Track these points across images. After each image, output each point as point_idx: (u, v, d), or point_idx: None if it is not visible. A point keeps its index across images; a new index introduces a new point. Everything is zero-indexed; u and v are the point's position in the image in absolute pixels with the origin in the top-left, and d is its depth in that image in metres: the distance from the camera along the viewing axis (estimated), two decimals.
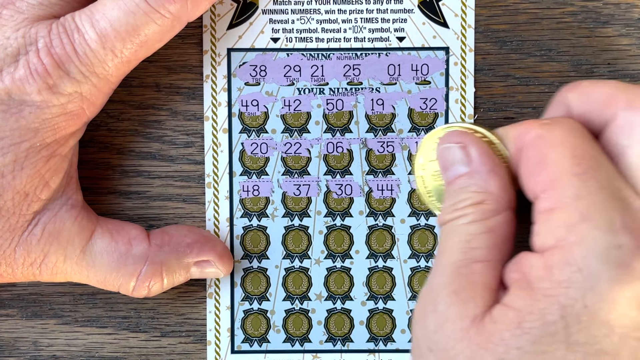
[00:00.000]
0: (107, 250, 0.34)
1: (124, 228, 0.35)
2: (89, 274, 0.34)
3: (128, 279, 0.34)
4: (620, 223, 0.27)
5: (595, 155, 0.29)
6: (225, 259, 0.36)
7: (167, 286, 0.35)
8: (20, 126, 0.32)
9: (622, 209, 0.27)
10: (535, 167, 0.29)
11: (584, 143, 0.29)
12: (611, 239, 0.27)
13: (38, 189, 0.33)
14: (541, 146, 0.29)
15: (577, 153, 0.28)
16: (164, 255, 0.35)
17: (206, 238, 0.36)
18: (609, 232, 0.27)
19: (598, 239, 0.27)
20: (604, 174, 0.28)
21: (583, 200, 0.27)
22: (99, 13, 0.32)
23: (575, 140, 0.29)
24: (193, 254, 0.36)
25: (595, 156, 0.29)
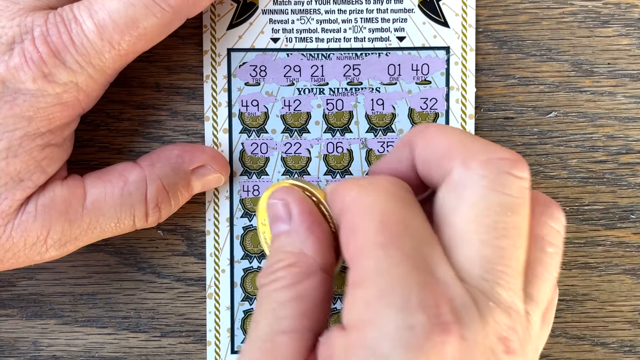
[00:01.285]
0: (107, 192, 0.34)
1: (109, 168, 0.35)
2: (100, 224, 0.34)
3: (138, 206, 0.34)
4: (417, 300, 0.25)
5: (405, 220, 0.27)
6: (219, 159, 0.36)
7: (175, 205, 0.35)
8: (14, 114, 0.31)
9: (422, 283, 0.25)
10: (346, 236, 0.27)
11: (395, 207, 0.27)
12: (403, 319, 0.25)
13: (34, 175, 0.33)
14: (353, 212, 0.27)
15: (383, 219, 0.26)
16: (160, 170, 0.35)
17: (193, 146, 0.36)
18: (402, 311, 0.25)
19: (390, 319, 0.25)
20: (411, 241, 0.26)
21: (383, 275, 0.25)
22: (97, 4, 0.32)
23: (385, 205, 0.27)
24: (186, 162, 0.35)
25: (405, 221, 0.27)
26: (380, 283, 0.25)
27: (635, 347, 0.38)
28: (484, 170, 0.27)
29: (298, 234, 0.29)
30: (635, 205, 0.38)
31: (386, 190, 0.28)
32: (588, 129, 0.37)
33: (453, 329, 0.25)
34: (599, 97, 0.37)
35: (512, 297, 0.26)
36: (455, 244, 0.27)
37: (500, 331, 0.26)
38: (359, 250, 0.27)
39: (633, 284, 0.38)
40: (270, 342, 0.27)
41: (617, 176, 0.38)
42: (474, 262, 0.26)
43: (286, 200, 0.30)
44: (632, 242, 0.38)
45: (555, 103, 0.37)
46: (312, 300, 0.28)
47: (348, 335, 0.26)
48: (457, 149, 0.28)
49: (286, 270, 0.29)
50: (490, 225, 0.26)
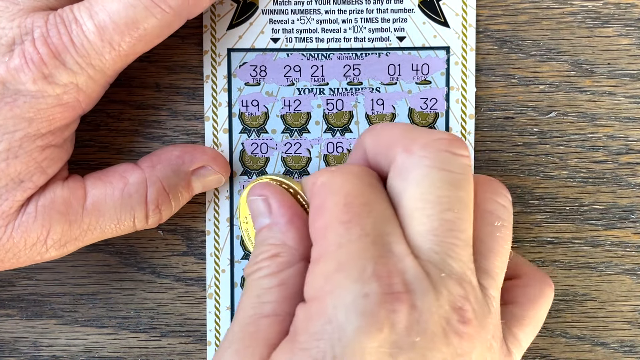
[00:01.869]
0: (107, 193, 0.34)
1: (110, 169, 0.35)
2: (100, 225, 0.34)
3: (138, 207, 0.34)
4: (371, 271, 0.26)
5: (368, 201, 0.28)
6: (220, 160, 0.36)
7: (175, 206, 0.35)
8: (15, 115, 0.31)
9: (377, 257, 0.27)
10: (314, 215, 0.29)
11: (360, 189, 0.28)
12: (359, 288, 0.26)
13: (35, 176, 0.33)
14: (321, 194, 0.29)
15: (348, 200, 0.28)
16: (160, 172, 0.35)
17: (193, 147, 0.36)
18: (358, 281, 0.26)
19: (347, 288, 0.26)
20: (371, 220, 0.28)
21: (343, 249, 0.27)
22: (98, 5, 0.32)
23: (351, 187, 0.28)
24: (186, 163, 0.35)
25: (368, 202, 0.28)
26: (339, 256, 0.27)
27: (635, 347, 0.38)
28: (424, 151, 0.29)
29: (279, 227, 0.31)
30: (635, 205, 0.38)
31: (353, 173, 0.29)
32: (588, 129, 0.37)
33: (403, 298, 0.26)
34: (599, 97, 0.37)
35: (463, 268, 0.28)
36: (407, 222, 0.28)
37: (453, 301, 0.27)
38: (323, 227, 0.28)
39: (633, 284, 0.38)
40: (254, 325, 0.29)
41: (617, 176, 0.38)
42: (424, 237, 0.28)
43: (265, 195, 0.32)
44: (632, 242, 0.38)
45: (555, 103, 0.37)
46: (294, 286, 0.29)
47: (308, 306, 0.27)
48: (399, 138, 0.29)
49: (270, 260, 0.30)
50: (435, 200, 0.28)
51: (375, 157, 0.31)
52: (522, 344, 0.31)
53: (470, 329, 0.27)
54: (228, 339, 0.29)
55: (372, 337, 0.26)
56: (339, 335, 0.26)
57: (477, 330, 0.27)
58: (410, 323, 0.26)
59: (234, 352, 0.29)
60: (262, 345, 0.28)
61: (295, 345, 0.27)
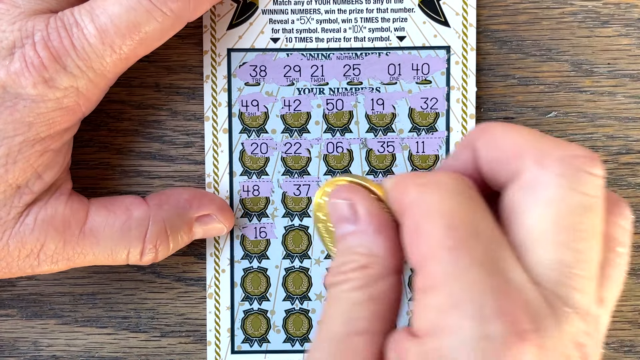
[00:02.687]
0: (108, 223, 0.34)
1: (118, 199, 0.35)
2: (94, 252, 0.34)
3: (135, 244, 0.34)
4: (491, 308, 0.24)
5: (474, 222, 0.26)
6: (226, 211, 0.36)
7: (173, 248, 0.35)
8: (15, 120, 0.31)
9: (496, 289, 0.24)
10: (410, 238, 0.26)
11: (460, 208, 0.26)
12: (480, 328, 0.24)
13: (31, 182, 0.33)
14: (416, 214, 0.26)
15: (450, 222, 0.25)
16: (165, 213, 0.35)
17: (203, 193, 0.36)
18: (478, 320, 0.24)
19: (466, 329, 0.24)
20: (481, 244, 0.25)
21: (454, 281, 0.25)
22: (99, 8, 0.31)
23: (450, 206, 0.26)
24: (193, 208, 0.35)
25: (473, 223, 0.26)
26: (451, 289, 0.25)
27: (635, 347, 0.38)
28: (560, 168, 0.26)
29: (367, 235, 0.28)
30: (635, 205, 0.38)
31: (450, 188, 0.27)
32: (588, 129, 0.37)
33: (531, 338, 0.24)
34: (599, 97, 0.37)
35: (589, 302, 0.26)
36: (528, 246, 0.26)
37: (576, 337, 0.25)
38: (426, 254, 0.26)
39: (633, 284, 0.38)
40: (346, 343, 0.27)
41: (617, 176, 0.38)
42: (549, 266, 0.25)
43: (351, 199, 0.29)
44: (632, 242, 0.38)
45: (555, 103, 0.37)
46: (386, 302, 0.28)
47: (422, 343, 0.25)
48: (528, 147, 0.27)
49: (358, 272, 0.28)
50: (568, 226, 0.26)
51: (491, 163, 0.28)
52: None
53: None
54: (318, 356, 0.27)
55: None
56: None
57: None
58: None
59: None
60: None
61: None
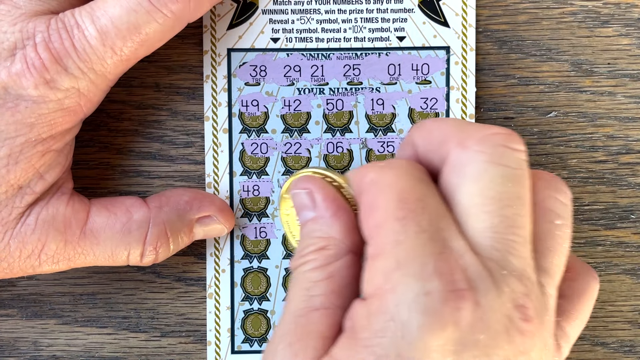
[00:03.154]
0: (108, 224, 0.34)
1: (119, 200, 0.35)
2: (94, 252, 0.34)
3: (135, 245, 0.34)
4: (432, 268, 0.26)
5: (422, 197, 0.28)
6: (226, 212, 0.36)
7: (174, 249, 0.35)
8: (16, 120, 0.31)
9: (437, 253, 0.26)
10: (366, 213, 0.29)
11: (412, 185, 0.28)
12: (421, 286, 0.26)
13: (32, 182, 0.33)
14: (372, 191, 0.29)
15: (402, 196, 0.28)
16: (165, 215, 0.35)
17: (203, 194, 0.36)
18: (420, 278, 0.26)
19: (409, 286, 0.26)
20: (427, 216, 0.27)
21: (401, 246, 0.27)
22: (100, 10, 0.32)
23: (403, 183, 0.28)
24: (193, 210, 0.35)
25: (422, 198, 0.28)
26: (398, 254, 0.27)
27: (635, 347, 0.38)
28: (480, 146, 0.28)
29: (325, 220, 0.30)
30: (635, 205, 0.38)
31: (404, 169, 0.29)
32: (588, 129, 0.37)
33: (467, 295, 0.26)
34: (599, 97, 0.37)
35: (524, 265, 0.27)
36: (464, 219, 0.28)
37: (515, 298, 0.27)
38: (378, 225, 0.28)
39: (633, 284, 0.38)
40: (305, 317, 0.29)
41: (617, 176, 0.38)
42: (483, 234, 0.27)
43: (309, 188, 0.31)
44: (632, 242, 0.38)
45: (555, 103, 0.37)
46: (342, 279, 0.29)
47: (369, 303, 0.27)
48: (452, 133, 0.29)
49: (317, 253, 0.30)
50: (494, 196, 0.27)
51: (427, 153, 0.30)
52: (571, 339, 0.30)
53: (531, 326, 0.27)
54: (280, 332, 0.29)
55: (436, 334, 0.26)
56: (402, 332, 0.26)
57: (537, 328, 0.27)
58: (474, 320, 0.26)
59: (287, 346, 0.28)
60: (315, 338, 0.28)
61: (356, 342, 0.27)
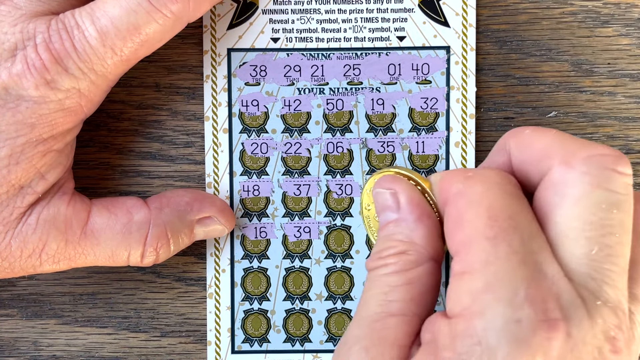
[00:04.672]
0: (109, 225, 0.34)
1: (119, 200, 0.35)
2: (95, 252, 0.34)
3: (136, 246, 0.34)
4: (524, 294, 0.26)
5: (513, 215, 0.27)
6: (227, 213, 0.36)
7: (174, 250, 0.35)
8: (17, 121, 0.31)
9: (529, 278, 0.26)
10: (453, 226, 0.28)
11: (503, 201, 0.27)
12: (511, 313, 0.25)
13: (34, 182, 0.33)
14: (459, 204, 0.28)
15: (492, 214, 0.27)
16: (166, 216, 0.35)
17: (204, 195, 0.36)
18: (510, 305, 0.25)
19: (498, 312, 0.25)
20: (519, 236, 0.26)
21: (490, 267, 0.26)
22: (100, 10, 0.32)
23: (494, 198, 0.27)
24: (194, 211, 0.35)
25: (513, 216, 0.27)
26: (487, 275, 0.26)
27: None
28: (586, 167, 0.27)
29: (407, 223, 0.30)
30: None
31: (494, 182, 0.28)
32: (588, 129, 0.37)
33: (560, 326, 0.25)
34: (599, 97, 0.37)
35: (619, 296, 0.27)
36: (559, 242, 0.27)
37: (607, 330, 0.26)
38: (466, 241, 0.27)
39: None
40: (381, 322, 0.28)
41: None
42: (580, 260, 0.27)
43: (394, 189, 0.31)
44: None
45: (555, 103, 0.37)
46: (421, 287, 0.29)
47: (454, 323, 0.26)
48: (555, 148, 0.28)
49: (397, 257, 0.29)
50: (596, 222, 0.27)
51: (523, 164, 0.29)
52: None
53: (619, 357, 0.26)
54: (354, 334, 0.29)
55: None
56: (488, 358, 0.25)
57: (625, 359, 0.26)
58: (564, 352, 0.25)
59: (362, 349, 0.28)
60: (391, 346, 0.28)
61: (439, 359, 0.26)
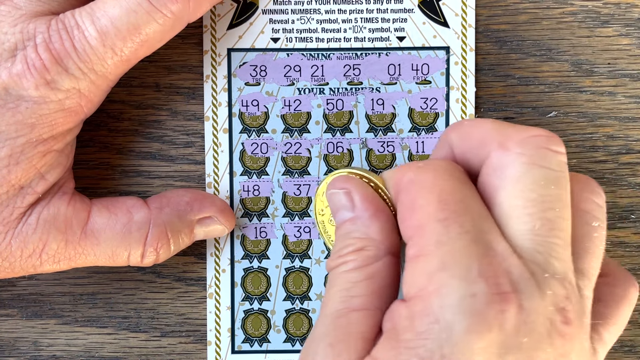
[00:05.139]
0: (109, 225, 0.34)
1: (120, 200, 0.35)
2: (95, 252, 0.34)
3: (136, 246, 0.34)
4: (477, 270, 0.26)
5: (463, 199, 0.28)
6: (227, 213, 0.36)
7: (174, 250, 0.35)
8: (17, 121, 0.32)
9: (482, 255, 0.27)
10: (405, 212, 0.29)
11: (453, 186, 0.28)
12: (466, 288, 0.26)
13: (34, 182, 0.33)
14: (412, 191, 0.29)
15: (443, 197, 0.28)
16: (166, 216, 0.35)
17: (204, 195, 0.36)
18: (465, 280, 0.26)
19: (454, 288, 0.26)
20: (469, 217, 0.27)
21: (444, 247, 0.27)
22: (100, 10, 0.32)
23: (444, 184, 0.28)
24: (194, 211, 0.35)
25: (463, 199, 0.28)
26: (441, 255, 0.27)
27: (635, 347, 0.38)
28: (521, 148, 0.28)
29: (363, 220, 0.30)
30: (635, 205, 0.38)
31: (444, 169, 0.29)
32: (588, 129, 0.37)
33: (512, 298, 0.26)
34: (599, 97, 0.37)
35: (565, 268, 0.27)
36: (505, 221, 0.28)
37: (557, 302, 0.27)
38: (419, 225, 0.28)
39: None
40: (345, 318, 0.29)
41: (617, 176, 0.38)
42: (525, 236, 0.27)
43: (347, 188, 0.31)
44: (632, 242, 0.38)
45: (555, 103, 0.37)
46: (381, 280, 0.29)
47: (412, 305, 0.27)
48: (492, 134, 0.29)
49: (356, 254, 0.30)
50: (536, 198, 0.27)
51: (464, 154, 0.30)
52: (607, 344, 0.30)
53: (571, 329, 0.27)
54: (319, 333, 0.29)
55: (481, 337, 0.26)
56: (447, 334, 0.26)
57: (577, 331, 0.27)
58: (518, 323, 0.26)
59: (327, 346, 0.28)
60: (356, 339, 0.28)
61: (399, 343, 0.27)
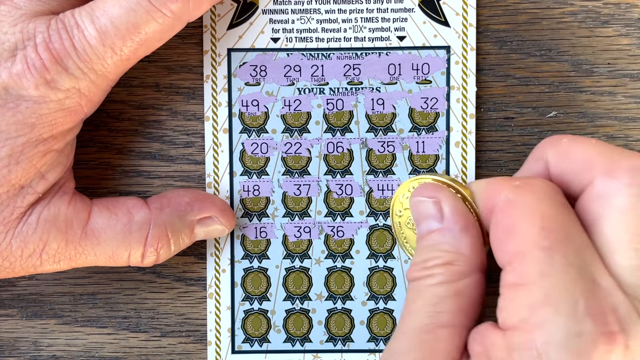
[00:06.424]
0: (109, 225, 0.34)
1: (120, 201, 0.35)
2: (95, 252, 0.34)
3: (136, 246, 0.34)
4: (584, 308, 0.26)
5: (566, 226, 0.27)
6: (227, 213, 0.36)
7: (175, 250, 0.35)
8: (17, 121, 0.32)
9: (587, 291, 0.26)
10: (503, 235, 0.28)
11: (555, 211, 0.27)
12: (572, 326, 0.25)
13: (34, 182, 0.33)
14: (510, 213, 0.28)
15: (545, 224, 0.27)
16: (166, 216, 0.35)
17: (204, 195, 0.36)
18: (571, 318, 0.25)
19: (560, 325, 0.25)
20: (573, 247, 0.27)
21: (548, 279, 0.26)
22: (99, 10, 0.32)
23: (546, 209, 0.27)
24: (194, 211, 0.35)
25: (566, 227, 0.27)
26: (545, 287, 0.26)
27: None
28: (630, 178, 0.27)
29: (453, 233, 0.29)
30: None
31: (544, 192, 0.28)
32: (588, 129, 0.37)
33: (619, 338, 0.25)
34: (599, 97, 0.37)
35: None
36: (607, 254, 0.27)
37: None
38: (519, 252, 0.27)
39: None
40: (432, 334, 0.28)
41: None
42: (628, 272, 0.27)
43: (436, 198, 0.30)
44: None
45: (555, 103, 0.37)
46: (469, 298, 0.29)
47: (510, 335, 0.26)
48: (597, 158, 0.28)
49: (444, 268, 0.29)
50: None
51: (562, 174, 0.29)
52: None
53: None
54: (403, 346, 0.28)
55: None
56: None
57: None
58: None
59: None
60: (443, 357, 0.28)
61: None
